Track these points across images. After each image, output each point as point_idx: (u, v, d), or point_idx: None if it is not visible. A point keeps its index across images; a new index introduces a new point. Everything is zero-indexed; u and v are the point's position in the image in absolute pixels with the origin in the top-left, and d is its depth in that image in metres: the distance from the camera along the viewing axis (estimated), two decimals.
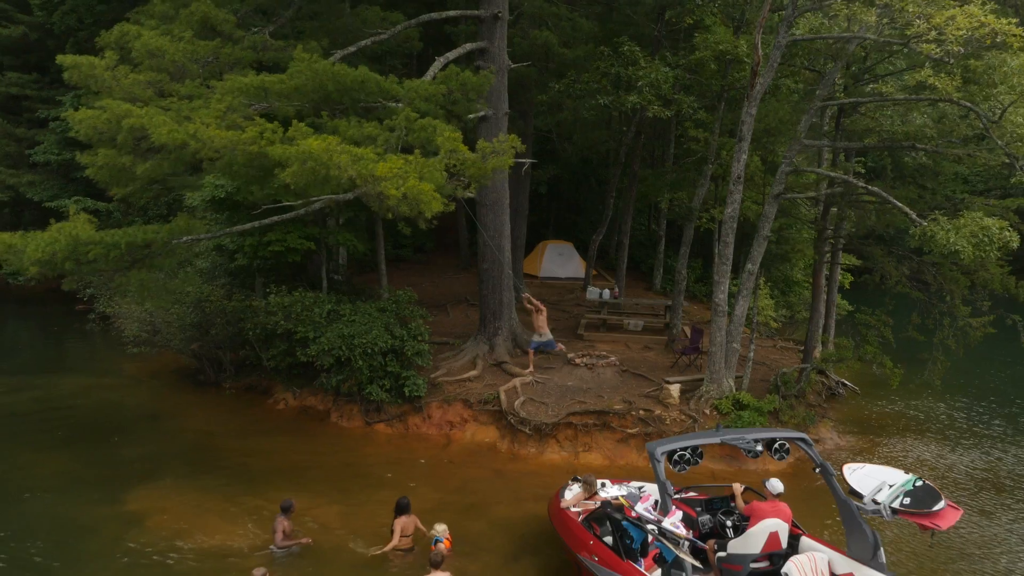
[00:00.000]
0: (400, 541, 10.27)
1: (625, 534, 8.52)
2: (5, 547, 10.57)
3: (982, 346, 16.30)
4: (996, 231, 11.56)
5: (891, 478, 8.42)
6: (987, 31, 10.37)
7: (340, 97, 12.41)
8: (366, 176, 9.84)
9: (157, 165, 11.29)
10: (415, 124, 11.35)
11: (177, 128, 10.70)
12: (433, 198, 9.87)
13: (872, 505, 8.24)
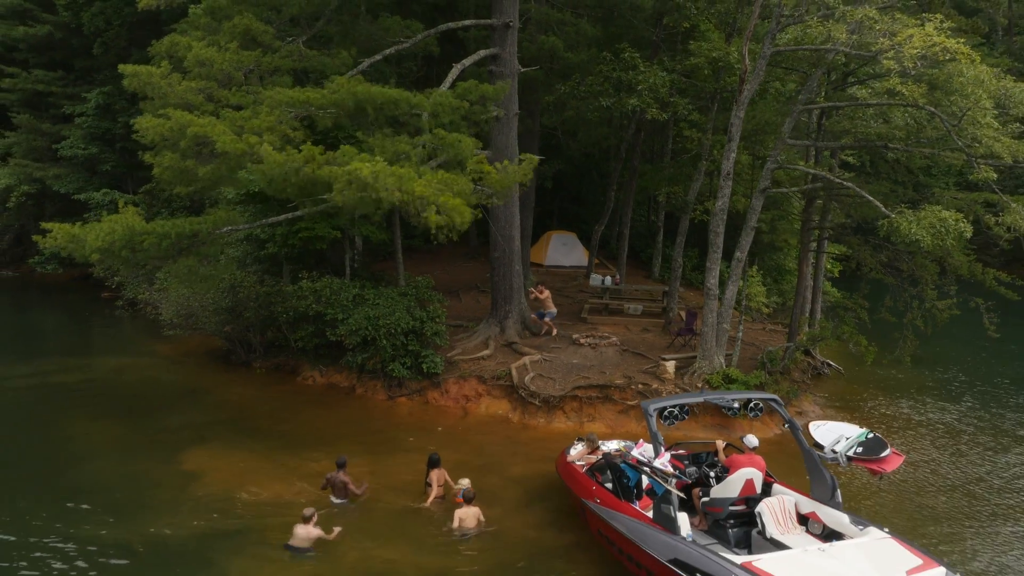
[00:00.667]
0: (435, 489, 11.90)
1: (623, 475, 10.12)
2: (91, 497, 12.15)
3: (969, 332, 17.69)
4: (952, 222, 13.09)
5: (848, 432, 9.99)
6: (939, 48, 11.85)
7: (375, 114, 13.91)
8: (409, 195, 11.38)
9: (216, 168, 12.79)
10: (444, 139, 12.89)
11: (237, 139, 12.23)
12: (464, 211, 11.46)
13: (831, 454, 9.82)
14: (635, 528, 9.59)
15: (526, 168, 13.14)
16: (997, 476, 14.09)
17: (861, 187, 15.23)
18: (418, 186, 11.36)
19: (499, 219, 18.80)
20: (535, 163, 13.15)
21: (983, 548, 11.14)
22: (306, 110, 13.62)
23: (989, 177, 13.73)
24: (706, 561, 8.56)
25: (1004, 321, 17.89)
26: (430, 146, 13.04)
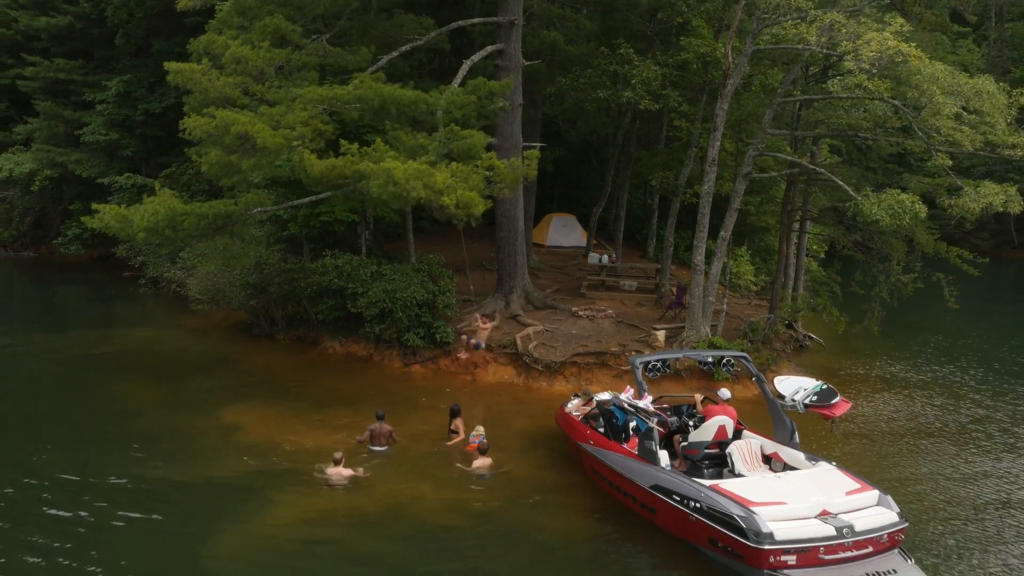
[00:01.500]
0: (462, 435, 13.67)
1: (613, 416, 11.83)
2: (142, 447, 13.83)
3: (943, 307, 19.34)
4: (909, 204, 14.70)
5: (806, 384, 11.67)
6: (894, 51, 13.40)
7: (396, 112, 15.51)
8: (433, 191, 13.04)
9: (258, 161, 14.41)
10: (458, 135, 14.51)
11: (276, 134, 13.85)
12: (479, 203, 13.15)
13: (791, 402, 11.50)
14: (622, 462, 11.32)
15: (531, 164, 14.79)
16: (954, 423, 15.86)
17: (833, 172, 16.84)
18: (440, 181, 12.99)
19: (504, 202, 20.38)
20: (538, 157, 14.77)
21: (927, 480, 12.92)
22: (335, 106, 15.21)
23: (944, 164, 15.31)
24: (681, 485, 10.28)
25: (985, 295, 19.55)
26: (446, 141, 14.66)
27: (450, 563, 10.18)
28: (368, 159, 13.86)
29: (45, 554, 10.07)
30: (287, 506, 11.48)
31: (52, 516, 11.13)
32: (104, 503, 11.67)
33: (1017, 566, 10.32)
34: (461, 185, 12.96)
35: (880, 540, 9.50)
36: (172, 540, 10.59)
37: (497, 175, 14.02)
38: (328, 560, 10.21)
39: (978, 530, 11.37)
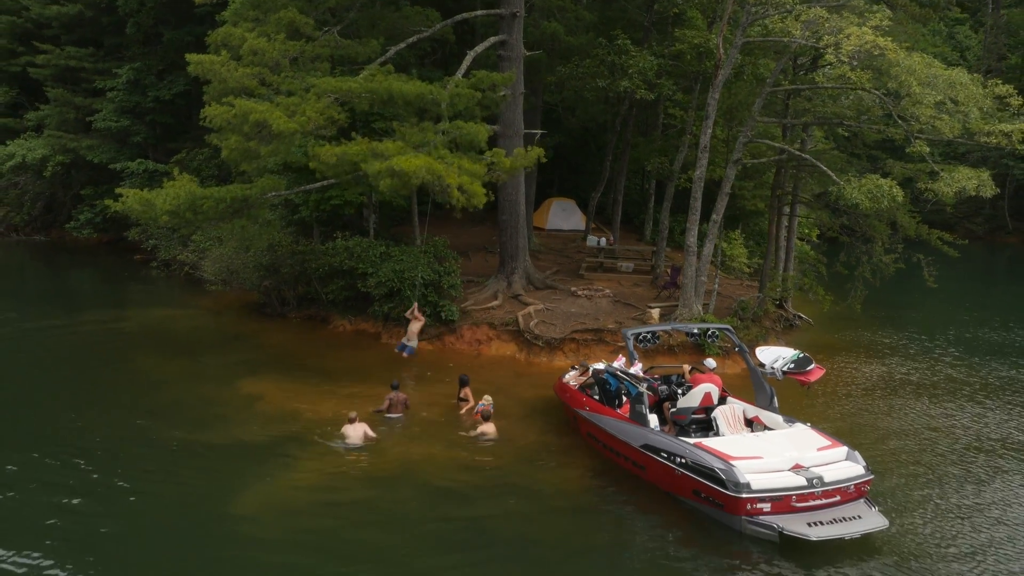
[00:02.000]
0: (471, 402, 14.69)
1: (606, 383, 12.85)
2: (170, 414, 14.85)
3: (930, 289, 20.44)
4: (886, 188, 15.66)
5: (784, 353, 12.68)
6: (872, 45, 14.30)
7: (404, 105, 16.45)
8: (438, 181, 14.00)
9: (275, 149, 15.36)
10: (461, 128, 15.46)
11: (291, 121, 14.78)
12: (481, 194, 14.14)
13: (770, 370, 12.51)
14: (615, 425, 12.35)
15: (531, 155, 15.76)
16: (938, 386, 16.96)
17: (819, 159, 17.78)
18: (442, 170, 13.95)
19: (506, 187, 21.31)
20: (539, 153, 15.76)
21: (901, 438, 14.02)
22: (347, 97, 16.15)
23: (923, 150, 16.23)
24: (668, 443, 11.31)
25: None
26: (450, 133, 15.61)
27: (459, 514, 11.20)
28: (377, 157, 14.80)
29: (77, 512, 10.97)
30: (308, 465, 12.51)
31: (83, 476, 12.04)
32: (133, 464, 12.64)
33: (968, 506, 11.40)
34: (466, 177, 13.93)
35: (847, 490, 10.53)
36: (199, 497, 11.56)
37: (498, 165, 14.97)
38: (346, 511, 11.23)
39: (937, 481, 12.44)
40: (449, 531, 10.72)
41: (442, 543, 10.40)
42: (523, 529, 10.78)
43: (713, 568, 9.80)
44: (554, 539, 10.54)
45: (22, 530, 10.33)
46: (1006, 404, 16.65)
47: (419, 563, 9.80)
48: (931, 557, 10.06)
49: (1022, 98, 16.84)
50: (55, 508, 11.07)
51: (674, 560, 10.01)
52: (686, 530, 10.66)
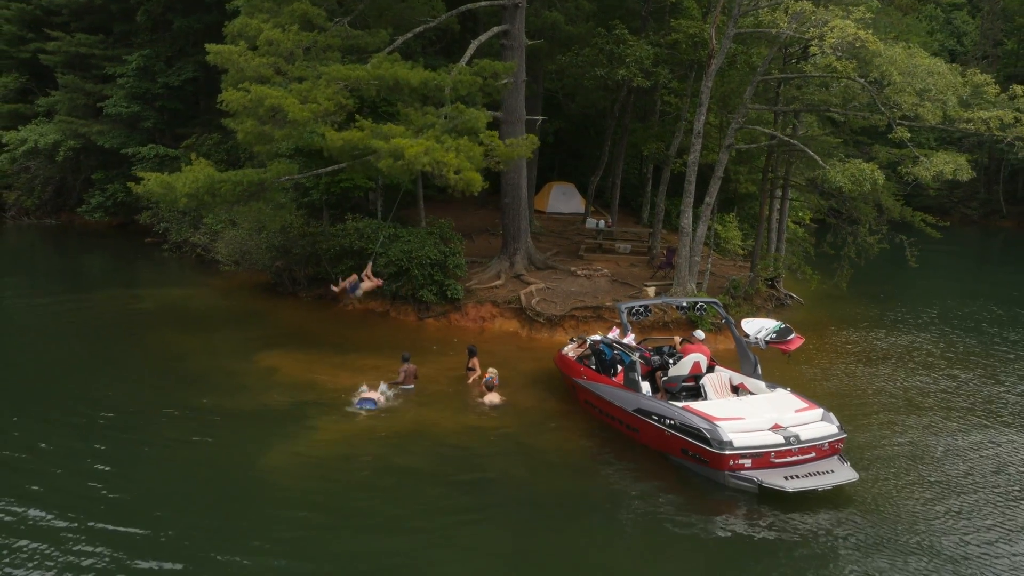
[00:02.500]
0: (478, 372, 15.69)
1: (602, 353, 13.85)
2: (194, 383, 15.85)
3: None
4: (868, 172, 16.59)
5: (767, 324, 13.67)
6: (853, 37, 15.18)
7: (409, 91, 17.33)
8: (436, 164, 14.89)
9: (288, 133, 16.26)
10: (463, 113, 16.34)
11: (304, 107, 15.68)
12: (477, 180, 15.04)
13: (754, 340, 13.49)
14: (610, 392, 13.36)
15: (529, 143, 16.67)
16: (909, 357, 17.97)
17: (807, 144, 18.68)
18: (442, 155, 14.83)
19: (508, 172, 22.22)
20: (534, 140, 16.66)
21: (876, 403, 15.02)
22: (355, 84, 17.04)
23: (903, 136, 17.14)
24: (659, 407, 12.31)
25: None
26: (452, 118, 16.49)
27: (469, 471, 12.22)
28: (380, 137, 15.69)
29: (116, 468, 11.92)
30: (327, 427, 13.53)
31: (117, 441, 12.98)
32: (163, 428, 13.62)
33: (932, 459, 12.43)
34: (464, 162, 14.81)
35: (822, 447, 11.54)
36: (229, 454, 12.57)
37: (496, 152, 15.86)
38: (364, 469, 12.24)
39: (906, 438, 13.49)
40: (457, 486, 11.73)
41: (451, 497, 11.40)
42: (525, 485, 11.79)
43: (699, 517, 10.80)
44: (554, 493, 11.55)
45: (65, 486, 11.25)
46: (977, 371, 17.72)
47: (429, 515, 10.78)
48: (896, 503, 11.07)
49: (1010, 86, 17.77)
50: (93, 464, 12.03)
51: (664, 509, 11.01)
52: (675, 484, 11.67)
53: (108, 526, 10.17)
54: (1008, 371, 18.13)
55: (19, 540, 9.67)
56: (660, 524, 10.67)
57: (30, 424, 13.55)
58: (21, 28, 44.25)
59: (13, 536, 9.76)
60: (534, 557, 9.87)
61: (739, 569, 9.66)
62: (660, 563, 9.87)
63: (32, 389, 15.50)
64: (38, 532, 9.92)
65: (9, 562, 9.20)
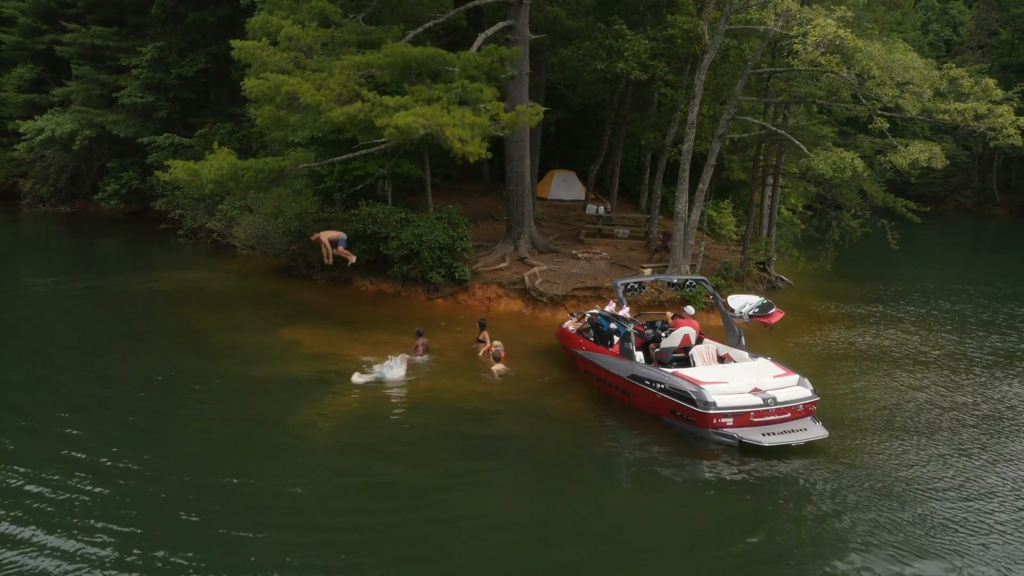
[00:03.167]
0: (488, 344, 16.98)
1: (600, 325, 15.14)
2: (221, 356, 17.12)
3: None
4: (849, 160, 17.82)
5: (751, 300, 14.94)
6: (834, 35, 16.37)
7: (418, 68, 18.52)
8: (437, 128, 16.04)
9: (303, 117, 17.48)
10: (468, 87, 17.51)
11: (317, 92, 16.87)
12: (480, 147, 16.14)
13: (739, 314, 14.77)
14: (607, 360, 14.65)
15: (533, 113, 17.79)
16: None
17: (793, 134, 19.90)
18: (443, 119, 15.92)
19: (513, 159, 23.49)
20: (540, 113, 17.75)
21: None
22: (368, 70, 18.24)
23: (883, 126, 18.35)
24: (651, 373, 13.61)
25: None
26: (458, 92, 17.61)
27: (480, 430, 13.52)
28: (382, 110, 16.74)
29: (157, 430, 13.11)
30: (349, 393, 14.82)
31: (155, 405, 14.19)
32: (199, 394, 14.89)
33: (900, 424, 13.71)
34: (467, 131, 15.84)
35: (797, 408, 12.82)
36: (262, 417, 13.81)
37: (501, 118, 16.99)
38: (386, 427, 13.52)
39: (875, 403, 14.76)
40: (469, 443, 13.02)
41: (463, 452, 12.69)
42: (530, 442, 13.08)
43: (686, 468, 12.09)
44: (555, 450, 12.82)
45: (108, 450, 12.42)
46: (944, 336, 19.07)
47: (444, 467, 12.05)
48: (862, 457, 12.36)
49: (983, 79, 18.96)
50: (134, 428, 13.22)
51: (655, 463, 12.30)
52: (664, 441, 12.96)
53: (152, 471, 11.37)
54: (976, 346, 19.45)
55: (71, 493, 10.77)
56: (651, 471, 11.97)
57: (68, 395, 14.65)
58: (36, 20, 45.37)
59: (65, 489, 10.83)
60: (539, 498, 11.17)
61: (719, 507, 10.94)
62: (651, 503, 11.15)
63: (65, 364, 16.56)
64: (95, 482, 11.06)
65: (66, 508, 10.38)
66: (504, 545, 9.79)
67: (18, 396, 14.46)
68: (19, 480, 10.95)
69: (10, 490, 10.67)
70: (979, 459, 12.48)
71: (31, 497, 10.50)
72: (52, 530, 9.65)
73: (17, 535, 9.54)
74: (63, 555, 9.14)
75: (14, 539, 9.45)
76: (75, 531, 9.67)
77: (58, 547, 9.30)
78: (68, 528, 9.72)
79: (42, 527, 9.71)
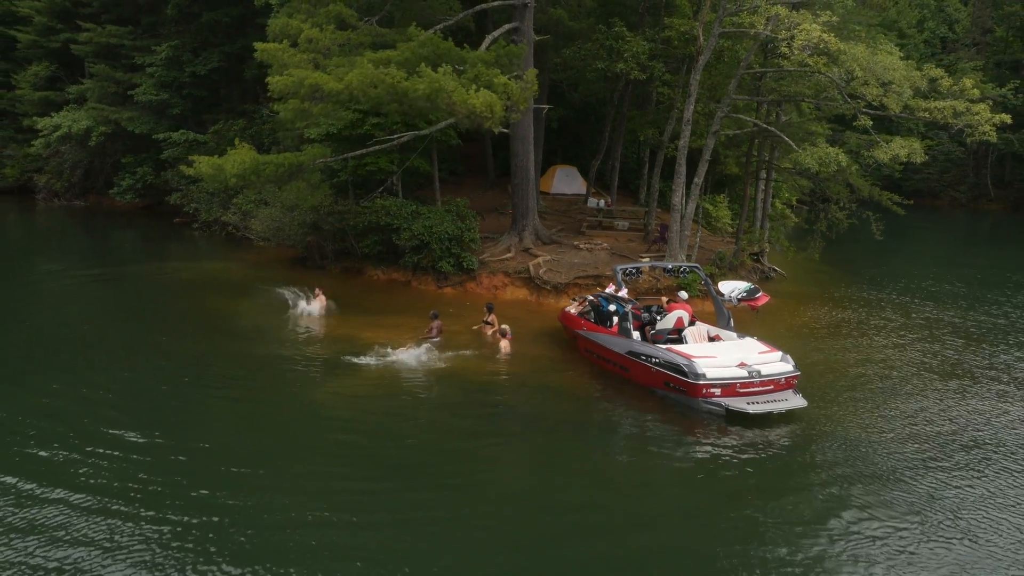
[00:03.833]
0: (496, 326, 18.23)
1: (600, 306, 16.39)
2: (247, 336, 18.37)
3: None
4: (834, 155, 19.05)
5: (740, 285, 16.19)
6: (818, 38, 17.58)
7: (434, 60, 19.72)
8: (447, 97, 17.17)
9: (325, 108, 18.70)
10: (483, 71, 18.70)
11: (338, 82, 18.07)
12: (498, 104, 17.21)
13: (728, 298, 16.02)
14: (607, 339, 15.89)
15: (532, 86, 18.89)
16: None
17: (783, 130, 21.12)
18: (451, 86, 17.08)
19: (517, 155, 24.71)
20: (536, 89, 18.86)
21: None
22: (387, 65, 19.42)
23: (867, 124, 19.56)
24: (646, 348, 14.86)
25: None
26: (473, 75, 18.77)
27: (492, 399, 14.79)
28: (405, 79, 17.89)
29: (189, 402, 14.38)
30: (368, 370, 16.06)
31: (180, 382, 15.34)
32: (221, 370, 16.11)
33: (871, 398, 14.95)
34: (481, 100, 16.89)
35: (779, 381, 14.07)
36: (286, 390, 15.06)
37: (511, 94, 18.14)
38: (401, 402, 14.73)
39: (849, 379, 16.00)
40: (480, 414, 14.26)
41: (475, 423, 13.91)
42: (535, 412, 14.31)
43: (678, 433, 13.33)
44: (558, 419, 14.04)
45: (146, 420, 13.67)
46: (924, 330, 20.27)
47: (456, 436, 13.25)
48: (837, 425, 13.60)
49: (961, 79, 20.18)
50: (169, 398, 14.44)
51: (650, 429, 13.54)
52: (659, 410, 14.21)
53: (183, 443, 12.35)
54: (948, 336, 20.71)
55: (113, 450, 12.05)
56: (646, 437, 13.23)
57: (100, 371, 15.89)
58: (52, 19, 46.59)
59: (104, 450, 12.07)
60: (545, 461, 12.41)
61: (709, 465, 12.18)
62: (647, 464, 12.37)
63: (96, 345, 17.74)
64: (131, 449, 12.14)
65: (106, 470, 11.61)
66: (512, 506, 10.83)
67: (65, 364, 15.72)
68: (67, 436, 12.22)
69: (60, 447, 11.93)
70: (951, 426, 13.73)
71: (79, 459, 11.75)
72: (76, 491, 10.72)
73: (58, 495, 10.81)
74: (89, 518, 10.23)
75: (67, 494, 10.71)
76: (105, 496, 10.87)
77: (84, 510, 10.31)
78: (94, 491, 10.73)
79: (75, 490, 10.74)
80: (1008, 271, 30.45)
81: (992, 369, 17.09)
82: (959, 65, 63.25)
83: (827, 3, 21.06)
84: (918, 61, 63.92)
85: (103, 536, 9.55)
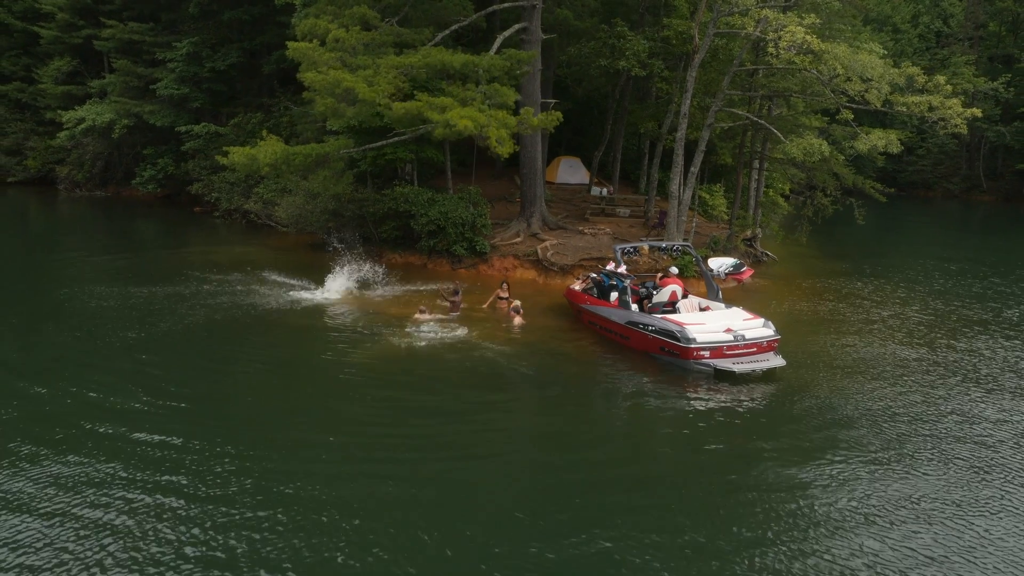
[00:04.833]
0: (508, 300, 20.05)
1: (601, 282, 18.21)
2: (280, 310, 20.22)
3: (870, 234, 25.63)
4: (817, 146, 20.81)
5: (728, 261, 18.03)
6: (802, 39, 19.32)
7: (451, 71, 21.54)
8: (482, 129, 19.09)
9: (358, 110, 20.50)
10: (497, 90, 20.54)
11: (371, 90, 19.88)
12: (510, 145, 19.17)
13: (716, 272, 17.83)
14: (608, 311, 17.71)
15: (552, 118, 20.83)
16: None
17: (771, 123, 22.87)
18: (485, 121, 19.05)
19: (525, 146, 26.47)
20: (558, 117, 20.83)
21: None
22: (409, 70, 21.25)
23: (848, 117, 21.32)
24: (643, 318, 16.67)
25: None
26: (489, 95, 20.70)
27: (503, 367, 16.55)
28: (434, 109, 19.89)
29: (229, 367, 16.30)
30: (391, 341, 17.87)
31: (224, 345, 17.27)
32: (261, 335, 17.97)
33: (845, 370, 16.73)
34: (501, 128, 18.99)
35: (762, 344, 15.88)
36: (323, 355, 16.86)
37: (527, 121, 20.07)
38: (426, 364, 16.53)
39: (825, 344, 17.79)
40: (495, 376, 16.04)
41: (492, 383, 15.68)
42: (546, 374, 16.12)
43: (673, 391, 15.13)
44: (565, 381, 15.83)
45: (184, 382, 15.59)
46: (897, 304, 22.07)
47: (474, 393, 15.01)
48: (813, 383, 15.41)
49: (933, 76, 21.90)
50: (212, 365, 16.16)
51: (648, 387, 15.35)
52: (655, 372, 16.03)
53: (221, 406, 14.31)
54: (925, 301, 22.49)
55: (156, 411, 13.96)
56: (644, 395, 15.02)
57: (145, 340, 17.67)
58: (74, 16, 48.31)
59: (146, 415, 14.03)
60: (554, 415, 14.22)
61: (701, 414, 13.99)
62: (646, 418, 14.18)
63: (141, 318, 19.51)
64: (173, 417, 14.18)
65: (145, 428, 13.50)
66: (522, 451, 12.63)
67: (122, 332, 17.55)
68: (117, 399, 14.07)
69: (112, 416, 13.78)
70: (920, 394, 15.55)
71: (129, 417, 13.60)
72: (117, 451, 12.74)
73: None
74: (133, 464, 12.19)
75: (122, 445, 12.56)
76: (148, 445, 12.75)
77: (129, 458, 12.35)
78: (137, 444, 12.79)
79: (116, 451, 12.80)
80: (992, 256, 32.23)
81: (951, 323, 18.90)
82: (953, 59, 64.87)
83: (813, 5, 22.77)
84: (912, 56, 65.50)
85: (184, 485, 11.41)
